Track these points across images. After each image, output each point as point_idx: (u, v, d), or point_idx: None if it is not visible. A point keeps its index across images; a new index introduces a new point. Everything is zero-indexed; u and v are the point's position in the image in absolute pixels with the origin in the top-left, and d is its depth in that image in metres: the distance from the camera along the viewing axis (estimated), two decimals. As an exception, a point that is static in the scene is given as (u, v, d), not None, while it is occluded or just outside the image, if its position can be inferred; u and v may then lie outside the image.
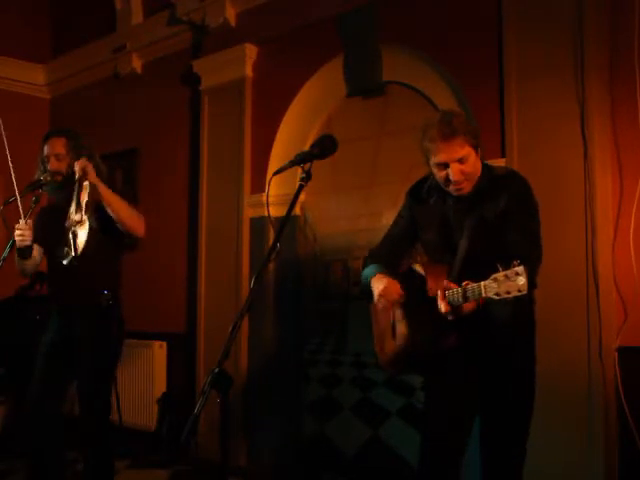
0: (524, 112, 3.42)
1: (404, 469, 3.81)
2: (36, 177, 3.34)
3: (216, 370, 1.75)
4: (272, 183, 2.20)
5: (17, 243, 3.14)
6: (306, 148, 2.21)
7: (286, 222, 2.04)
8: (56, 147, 3.34)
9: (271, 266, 4.38)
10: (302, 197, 2.18)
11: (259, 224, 4.57)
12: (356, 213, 4.26)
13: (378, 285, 2.45)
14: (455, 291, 2.16)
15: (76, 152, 3.33)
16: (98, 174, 3.35)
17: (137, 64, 5.59)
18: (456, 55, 3.75)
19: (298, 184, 2.09)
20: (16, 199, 3.22)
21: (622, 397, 3.05)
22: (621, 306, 3.12)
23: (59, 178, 3.32)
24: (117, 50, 5.68)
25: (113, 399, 3.43)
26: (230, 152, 4.76)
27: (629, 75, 3.19)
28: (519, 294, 1.98)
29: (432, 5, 3.89)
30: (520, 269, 1.97)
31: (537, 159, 3.34)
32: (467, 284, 2.11)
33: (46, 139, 3.40)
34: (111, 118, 5.74)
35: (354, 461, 4.07)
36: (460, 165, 2.32)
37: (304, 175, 2.09)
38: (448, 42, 3.80)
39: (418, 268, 2.48)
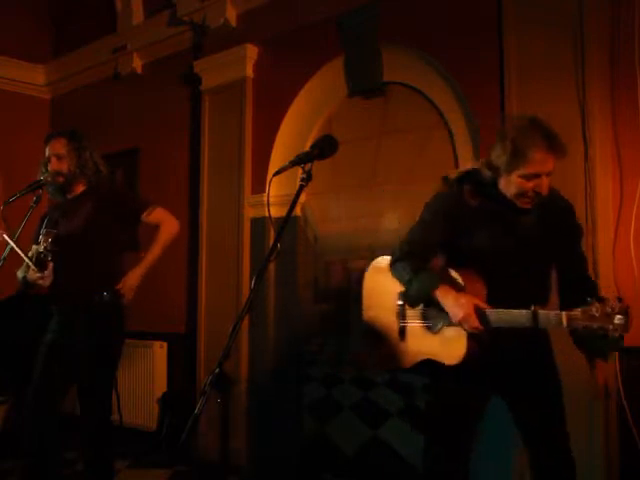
0: (524, 112, 3.41)
1: (404, 469, 3.81)
2: (38, 178, 3.35)
3: (216, 370, 1.75)
4: (272, 183, 2.20)
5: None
6: (306, 148, 2.21)
7: (287, 222, 2.04)
8: (57, 148, 3.34)
9: (271, 266, 4.38)
10: (303, 197, 2.18)
11: (260, 224, 4.57)
12: (357, 213, 4.26)
13: (455, 308, 2.28)
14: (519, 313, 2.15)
15: (77, 153, 3.33)
16: (97, 174, 3.36)
17: (137, 64, 5.59)
18: (456, 55, 3.75)
19: (299, 184, 2.08)
20: (17, 198, 3.23)
21: (623, 397, 3.05)
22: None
23: (60, 179, 3.33)
24: (117, 50, 5.68)
25: (113, 399, 3.43)
26: (230, 152, 4.76)
27: (630, 76, 3.19)
28: (614, 333, 1.96)
29: (433, 5, 3.89)
30: (623, 308, 1.95)
31: (537, 159, 3.34)
32: (537, 309, 2.12)
33: (47, 140, 3.41)
34: (111, 118, 5.74)
35: (354, 461, 4.07)
36: (547, 179, 2.28)
37: (304, 175, 2.08)
38: (448, 42, 3.80)
39: (455, 276, 2.40)
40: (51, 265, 3.15)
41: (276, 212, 3.67)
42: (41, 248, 3.08)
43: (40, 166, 3.38)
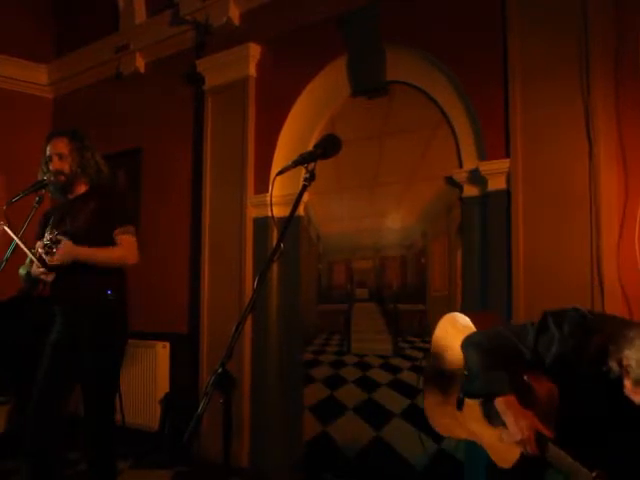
0: (528, 112, 3.41)
1: (406, 470, 3.80)
2: (39, 177, 3.34)
3: (219, 371, 1.74)
4: (275, 183, 2.19)
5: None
6: (309, 148, 2.20)
7: (290, 222, 2.03)
8: (58, 147, 3.33)
9: (274, 266, 4.37)
10: (306, 197, 2.17)
11: (262, 224, 4.56)
12: (360, 213, 4.25)
13: (514, 427, 2.07)
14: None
15: (79, 152, 3.33)
16: (99, 173, 3.36)
17: (140, 64, 5.59)
18: (460, 55, 3.74)
19: (302, 184, 2.07)
20: (20, 198, 3.23)
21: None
22: (626, 306, 3.11)
23: (62, 178, 3.32)
24: (120, 50, 5.68)
25: (116, 399, 3.42)
26: (233, 152, 4.75)
27: (634, 75, 3.17)
28: None
29: (436, 5, 3.88)
30: None
31: (542, 160, 3.33)
32: (597, 477, 1.89)
33: (49, 139, 3.40)
34: (114, 118, 5.74)
35: (357, 462, 4.06)
36: None
37: (308, 175, 2.07)
38: (452, 42, 3.79)
39: (528, 381, 2.16)
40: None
41: (279, 212, 3.65)
42: (46, 240, 3.04)
43: (41, 165, 3.37)
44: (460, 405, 2.40)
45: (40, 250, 3.12)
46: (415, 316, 3.96)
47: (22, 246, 3.14)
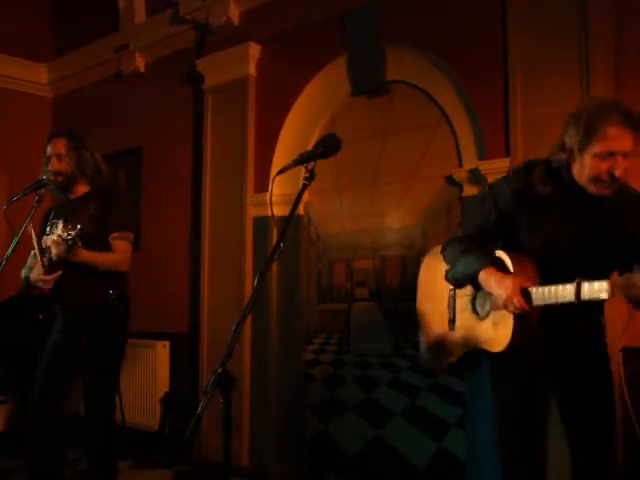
0: (529, 112, 3.41)
1: (407, 469, 3.80)
2: (40, 177, 3.35)
3: (219, 370, 1.74)
4: (275, 182, 2.19)
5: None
6: (310, 147, 2.20)
7: (289, 221, 2.03)
8: (57, 147, 3.35)
9: (274, 265, 4.37)
10: (306, 196, 2.17)
11: (262, 223, 4.56)
12: (360, 212, 4.25)
13: (499, 288, 2.14)
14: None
15: (77, 152, 3.34)
16: (98, 173, 3.36)
17: (140, 63, 5.58)
18: (460, 54, 3.74)
19: (302, 183, 2.08)
20: (20, 198, 3.24)
21: (627, 398, 3.03)
22: (625, 306, 3.09)
23: (60, 178, 3.35)
24: (120, 49, 5.68)
25: (116, 399, 3.43)
26: (233, 151, 4.75)
27: (635, 73, 3.17)
28: None
29: (436, 3, 3.88)
30: None
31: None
32: (581, 280, 1.98)
33: (49, 139, 3.43)
34: (114, 117, 5.74)
35: (357, 461, 4.06)
36: (624, 161, 2.13)
37: (308, 174, 2.08)
38: (452, 41, 3.79)
39: (505, 259, 2.23)
40: (59, 273, 3.16)
41: (279, 211, 3.61)
42: (64, 235, 2.97)
43: (43, 165, 3.39)
44: (452, 324, 2.44)
45: (55, 242, 3.08)
46: (415, 315, 3.95)
47: (36, 248, 3.17)
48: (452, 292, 2.47)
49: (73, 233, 2.95)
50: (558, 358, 2.29)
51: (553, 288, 2.05)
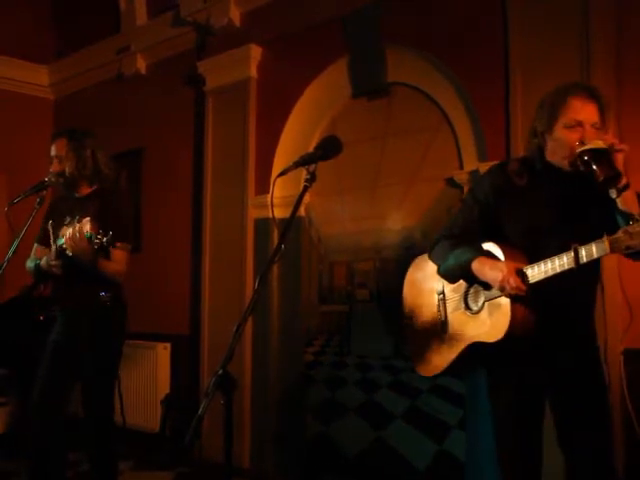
0: (529, 113, 3.39)
1: (408, 471, 3.80)
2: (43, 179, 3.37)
3: (220, 372, 1.74)
4: (276, 184, 2.19)
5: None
6: (310, 149, 2.20)
7: (290, 223, 2.03)
8: (58, 149, 3.37)
9: (275, 267, 4.38)
10: (307, 198, 2.17)
11: (263, 225, 4.56)
12: (361, 214, 4.25)
13: (493, 272, 2.15)
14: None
15: (76, 153, 3.32)
16: (97, 175, 3.35)
17: (141, 65, 5.59)
18: (460, 55, 3.75)
19: (303, 185, 2.08)
20: (21, 199, 3.24)
21: (628, 400, 3.03)
22: (627, 308, 3.10)
23: (61, 180, 3.34)
24: (121, 51, 5.68)
25: (117, 400, 3.43)
26: (234, 153, 4.75)
27: (636, 75, 3.17)
28: None
29: (437, 5, 3.88)
30: None
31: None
32: (577, 246, 1.98)
33: (52, 140, 3.44)
34: (115, 119, 5.74)
35: (358, 463, 4.06)
36: (595, 132, 2.15)
37: (309, 176, 2.08)
38: (452, 42, 3.79)
39: (493, 247, 2.25)
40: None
41: (280, 213, 3.63)
42: (93, 237, 2.90)
43: (49, 166, 3.41)
44: (445, 326, 2.44)
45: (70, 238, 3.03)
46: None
47: (51, 236, 3.19)
48: (441, 296, 2.48)
49: (105, 240, 2.89)
50: (552, 345, 2.27)
51: (549, 261, 2.07)
